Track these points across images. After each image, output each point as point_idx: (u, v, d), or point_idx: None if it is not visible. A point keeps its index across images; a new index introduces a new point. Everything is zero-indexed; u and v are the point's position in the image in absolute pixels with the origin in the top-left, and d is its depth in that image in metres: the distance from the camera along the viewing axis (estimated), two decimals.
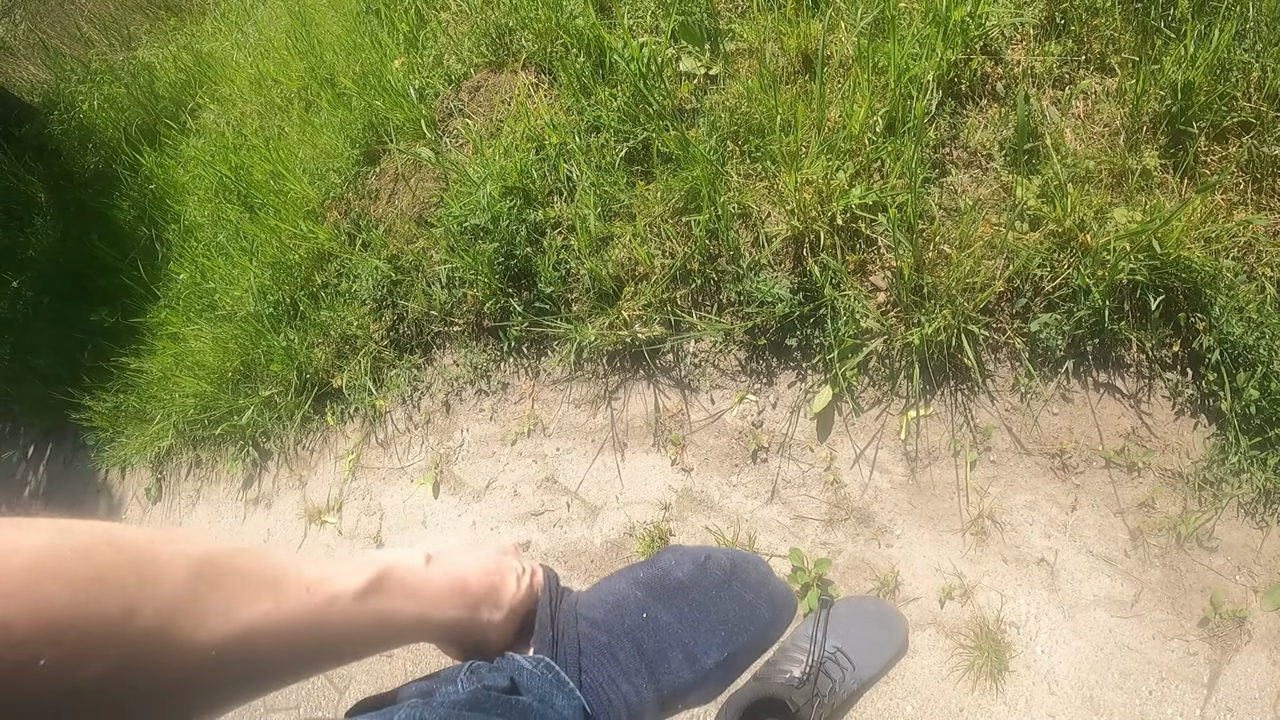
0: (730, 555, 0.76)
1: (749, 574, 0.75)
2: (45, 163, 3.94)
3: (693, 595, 0.72)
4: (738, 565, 0.75)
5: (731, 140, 1.67)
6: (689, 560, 0.74)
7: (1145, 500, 1.41)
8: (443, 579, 0.63)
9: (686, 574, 0.73)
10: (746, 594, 0.74)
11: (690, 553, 0.75)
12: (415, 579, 0.60)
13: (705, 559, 0.74)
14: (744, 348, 1.72)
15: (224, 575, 0.46)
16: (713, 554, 0.75)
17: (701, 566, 0.74)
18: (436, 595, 0.61)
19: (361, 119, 2.18)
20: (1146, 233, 1.32)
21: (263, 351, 2.27)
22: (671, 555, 0.75)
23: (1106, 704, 1.33)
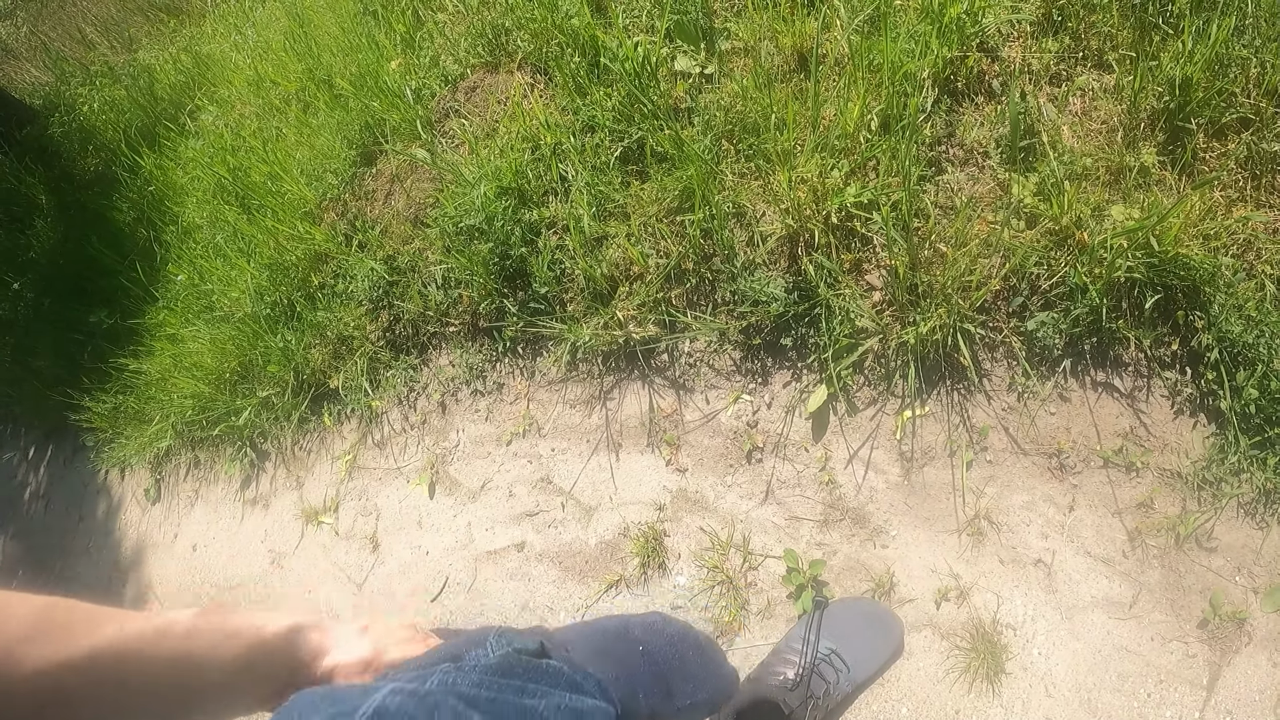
0: (699, 633, 0.89)
1: (713, 649, 0.90)
2: (46, 165, 3.95)
3: (678, 647, 0.82)
4: (707, 641, 0.89)
5: (726, 139, 1.67)
6: (668, 623, 0.87)
7: (1144, 500, 1.40)
8: (276, 612, 0.68)
9: (675, 630, 0.85)
10: (712, 660, 0.87)
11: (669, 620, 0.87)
12: (248, 611, 0.65)
13: (686, 628, 0.87)
14: (739, 347, 1.72)
15: (69, 610, 0.52)
16: (689, 627, 0.88)
17: (683, 634, 0.86)
18: (268, 617, 0.65)
19: (358, 120, 2.18)
20: (1144, 230, 1.31)
21: (260, 352, 2.27)
22: (654, 615, 0.88)
23: (1104, 707, 1.32)
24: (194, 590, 2.57)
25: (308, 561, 2.27)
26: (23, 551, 3.51)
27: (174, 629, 0.56)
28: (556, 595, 1.81)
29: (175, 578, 2.67)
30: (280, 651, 0.63)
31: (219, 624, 0.59)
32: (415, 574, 2.04)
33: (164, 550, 2.77)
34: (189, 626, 0.57)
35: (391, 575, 2.08)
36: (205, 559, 2.58)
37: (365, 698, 0.51)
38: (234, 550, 2.49)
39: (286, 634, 0.64)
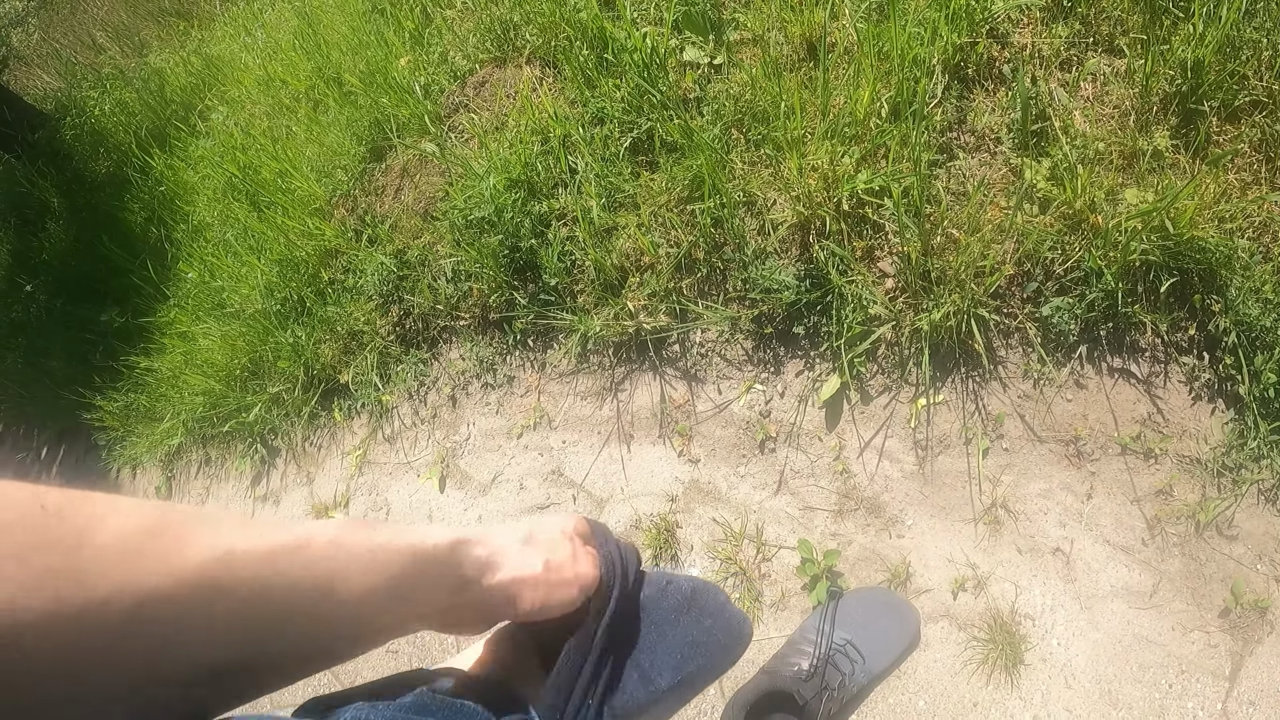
0: (690, 582, 0.77)
1: (707, 601, 0.77)
2: (58, 167, 3.98)
3: (651, 617, 0.72)
4: (697, 591, 0.77)
5: (736, 128, 1.67)
6: (650, 584, 0.75)
7: (1163, 487, 1.38)
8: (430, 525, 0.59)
9: (646, 597, 0.73)
10: (704, 619, 0.75)
11: (651, 577, 0.75)
12: (397, 527, 0.55)
13: (666, 584, 0.75)
14: (750, 337, 1.71)
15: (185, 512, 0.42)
16: (673, 579, 0.76)
17: (662, 590, 0.75)
18: (424, 530, 0.55)
19: (368, 116, 2.19)
20: (1159, 212, 1.30)
21: (270, 348, 2.28)
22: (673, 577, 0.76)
23: (1125, 698, 1.30)
24: None
25: None
26: None
27: (314, 542, 0.46)
28: None
29: None
30: (442, 568, 0.55)
31: (366, 538, 0.49)
32: None
33: None
34: (332, 539, 0.47)
35: None
36: None
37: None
38: None
39: (449, 548, 0.55)
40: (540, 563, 0.61)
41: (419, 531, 0.54)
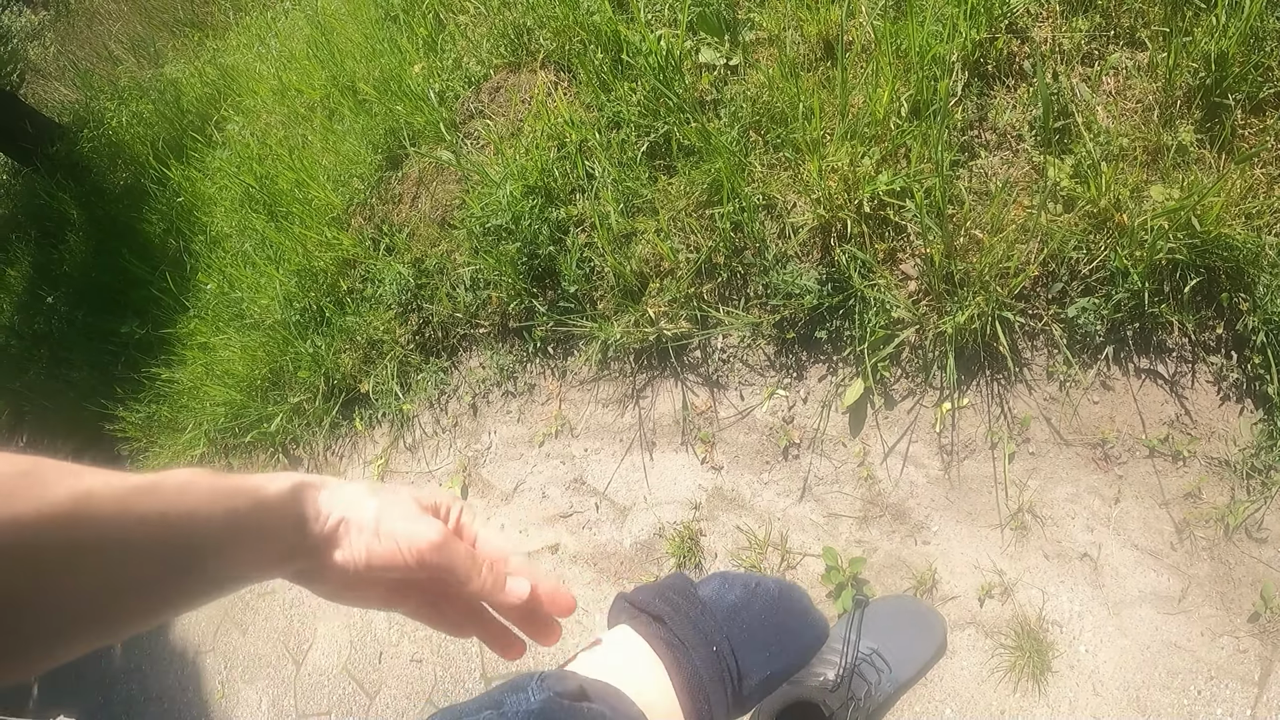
0: (778, 583, 0.80)
1: (793, 602, 0.80)
2: (76, 180, 4.02)
3: (742, 618, 0.75)
4: (784, 592, 0.80)
5: (754, 130, 1.65)
6: (739, 585, 0.78)
7: (1191, 490, 1.36)
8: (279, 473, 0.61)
9: (737, 598, 0.77)
10: (790, 621, 0.78)
11: (740, 578, 0.79)
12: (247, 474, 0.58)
13: (756, 585, 0.79)
14: (772, 342, 1.70)
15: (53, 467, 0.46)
16: (762, 581, 0.80)
17: (752, 592, 0.78)
18: (266, 476, 0.58)
19: (383, 124, 2.19)
20: (1185, 210, 1.27)
21: (290, 358, 2.29)
22: (721, 579, 0.79)
23: (1153, 704, 1.28)
24: (227, 599, 2.59)
25: None
26: None
27: (165, 483, 0.50)
28: (592, 597, 1.80)
29: None
30: (285, 508, 0.57)
31: (215, 481, 0.53)
32: None
33: None
34: (183, 482, 0.51)
35: None
36: None
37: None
38: None
39: (291, 490, 0.58)
40: (373, 511, 0.62)
41: (267, 476, 0.57)
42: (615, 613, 0.78)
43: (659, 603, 0.75)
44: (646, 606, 0.75)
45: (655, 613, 0.74)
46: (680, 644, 0.71)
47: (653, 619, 0.73)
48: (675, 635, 0.71)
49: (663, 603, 0.75)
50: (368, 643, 2.12)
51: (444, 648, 1.99)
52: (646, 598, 0.76)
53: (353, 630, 2.18)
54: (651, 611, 0.74)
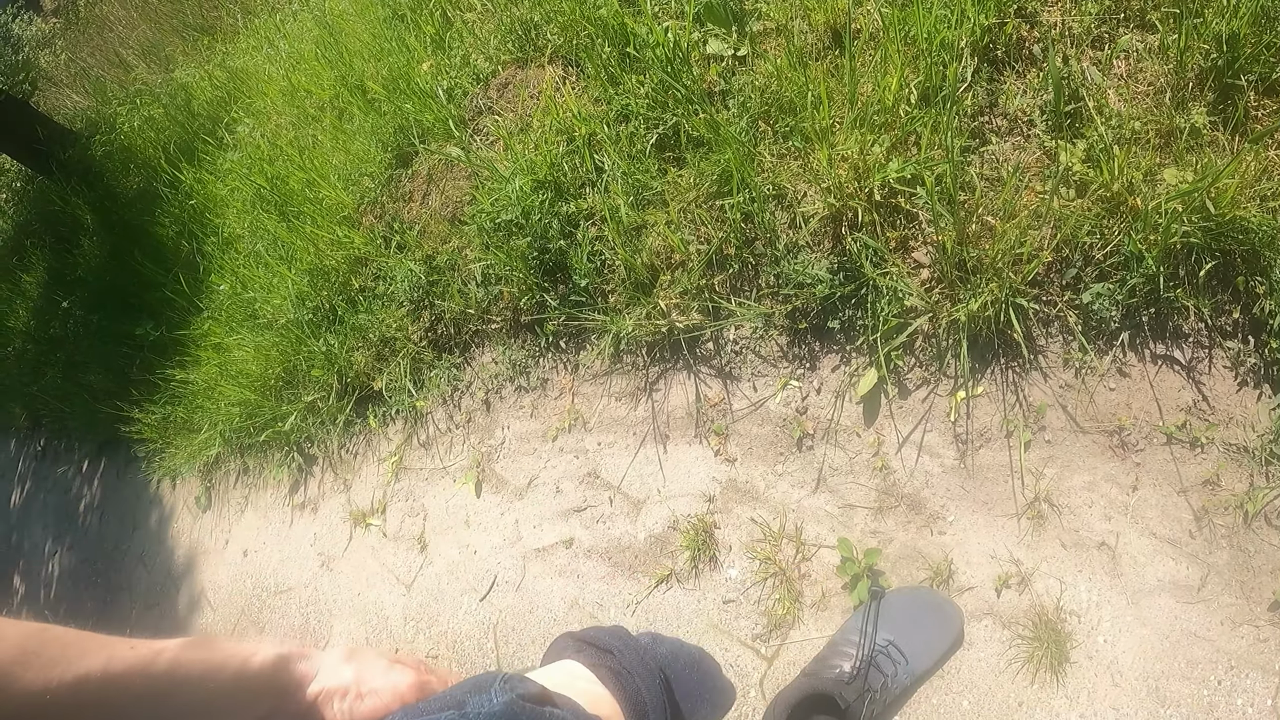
0: (698, 648, 0.90)
1: (711, 664, 0.89)
2: (90, 185, 4.05)
3: (674, 666, 0.83)
4: (704, 655, 0.89)
5: (763, 120, 1.65)
6: (669, 641, 0.87)
7: (1210, 477, 1.34)
8: (264, 641, 0.70)
9: (668, 650, 0.84)
10: (708, 679, 0.86)
11: (668, 638, 0.88)
12: (236, 642, 0.67)
13: (681, 645, 0.87)
14: (785, 332, 1.69)
15: (58, 638, 0.54)
16: (685, 643, 0.89)
17: (680, 647, 0.86)
18: (254, 647, 0.66)
19: (392, 123, 2.20)
20: (1199, 192, 1.26)
21: (304, 357, 2.30)
22: (651, 636, 0.87)
23: (1173, 695, 1.27)
24: (245, 595, 2.61)
25: (356, 564, 2.30)
26: (78, 563, 3.60)
27: (159, 660, 0.58)
28: (606, 591, 1.80)
29: (227, 584, 2.72)
30: (266, 680, 0.65)
31: (204, 655, 0.61)
32: (463, 573, 2.05)
33: (215, 556, 2.82)
34: (174, 658, 0.59)
35: (440, 575, 2.09)
36: (256, 564, 2.62)
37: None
38: (284, 554, 2.53)
39: (274, 664, 0.66)
40: (350, 674, 0.70)
41: (250, 648, 0.65)
42: (557, 649, 0.83)
43: (607, 638, 0.81)
44: (594, 641, 0.80)
45: (603, 645, 0.79)
46: (627, 673, 0.76)
47: (600, 650, 0.79)
48: (623, 665, 0.77)
49: (610, 638, 0.81)
50: (383, 639, 2.13)
51: (460, 644, 1.99)
52: (593, 634, 0.82)
53: (369, 627, 2.19)
54: (599, 644, 0.79)
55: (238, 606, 2.63)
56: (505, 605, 1.94)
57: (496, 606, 1.96)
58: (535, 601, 1.90)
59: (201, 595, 2.80)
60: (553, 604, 1.87)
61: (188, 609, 2.82)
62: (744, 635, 1.60)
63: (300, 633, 2.34)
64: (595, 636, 0.82)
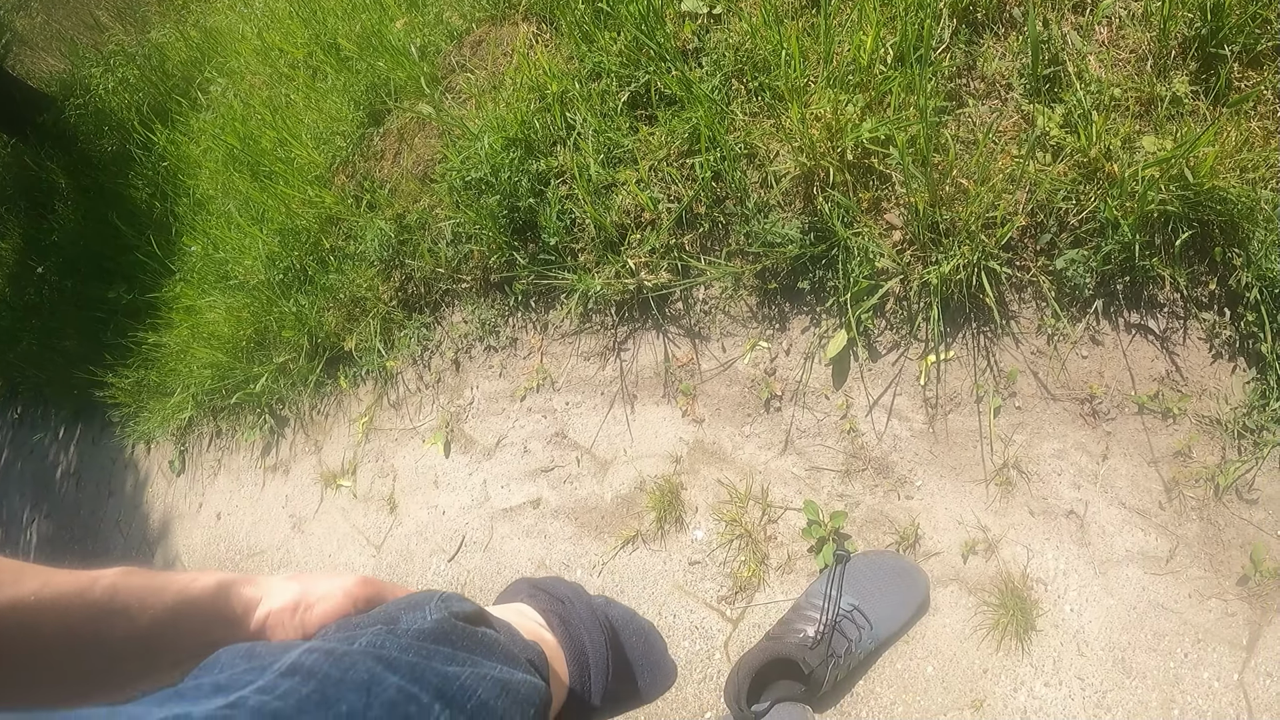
0: (649, 622, 0.90)
1: (658, 638, 0.89)
2: (64, 149, 3.99)
3: (625, 630, 0.84)
4: (653, 629, 0.89)
5: (736, 79, 1.62)
6: (621, 607, 0.87)
7: (1181, 449, 1.33)
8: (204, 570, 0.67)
9: (620, 614, 0.85)
10: (653, 653, 0.87)
11: (621, 605, 0.89)
12: (174, 572, 0.64)
13: (633, 614, 0.88)
14: (754, 292, 1.67)
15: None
16: (637, 614, 0.89)
17: (632, 615, 0.87)
18: (194, 574, 0.64)
19: (364, 81, 2.16)
20: (1178, 160, 1.24)
21: (275, 318, 2.28)
22: (605, 600, 0.87)
23: (1139, 666, 1.26)
24: (219, 558, 2.60)
25: (328, 525, 2.29)
26: (55, 530, 3.58)
27: (96, 586, 0.56)
28: (573, 552, 1.79)
29: (201, 547, 2.71)
30: (208, 607, 0.63)
31: (143, 581, 0.59)
32: (432, 534, 2.04)
33: (190, 520, 2.80)
34: (111, 584, 0.57)
35: (409, 536, 2.08)
36: (229, 527, 2.61)
37: (283, 653, 0.51)
38: (257, 517, 2.52)
39: (215, 590, 0.64)
40: (297, 589, 0.68)
41: (191, 575, 0.63)
42: (512, 591, 0.84)
43: (561, 587, 0.81)
44: (548, 588, 0.81)
45: (556, 594, 0.79)
46: (574, 622, 0.77)
47: (553, 598, 0.79)
48: (570, 614, 0.77)
49: (564, 588, 0.81)
50: None
51: None
52: (549, 583, 0.82)
53: None
54: (552, 593, 0.80)
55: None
56: (473, 566, 1.93)
57: (465, 567, 1.95)
58: (503, 562, 1.89)
59: (177, 559, 2.79)
60: (520, 564, 1.86)
61: None
62: (709, 597, 1.60)
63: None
64: (550, 585, 0.82)
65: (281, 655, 0.50)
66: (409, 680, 0.50)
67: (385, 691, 0.48)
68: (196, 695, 0.47)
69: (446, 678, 0.52)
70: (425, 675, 0.51)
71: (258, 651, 0.52)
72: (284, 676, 0.47)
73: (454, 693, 0.51)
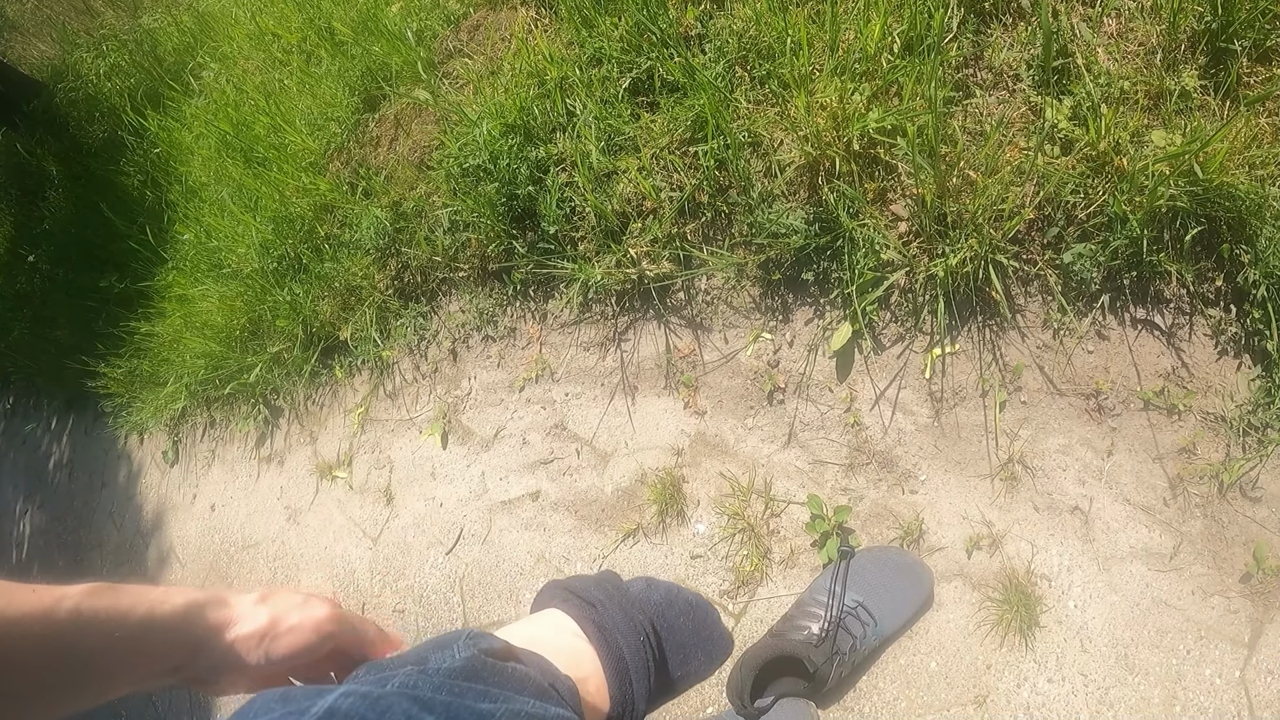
0: (696, 594, 0.87)
1: (707, 613, 0.86)
2: (55, 136, 3.94)
3: (666, 616, 0.81)
4: (700, 602, 0.87)
5: (740, 66, 1.60)
6: (663, 588, 0.85)
7: (1186, 445, 1.32)
8: (174, 587, 0.67)
9: (661, 597, 0.83)
10: (704, 629, 0.85)
11: (663, 583, 0.86)
12: (144, 587, 0.63)
13: (677, 591, 0.85)
14: (758, 283, 1.65)
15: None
16: (682, 589, 0.86)
17: (674, 595, 0.84)
18: (163, 593, 0.63)
19: (360, 66, 2.13)
20: (1188, 156, 1.22)
21: (269, 307, 2.25)
22: (645, 581, 0.86)
23: (1141, 663, 1.26)
24: (214, 551, 2.58)
25: (323, 517, 2.27)
26: (49, 521, 3.56)
27: (61, 606, 0.56)
28: (572, 545, 1.77)
29: (195, 539, 2.69)
30: (175, 629, 0.62)
31: (110, 602, 0.59)
32: (429, 526, 2.02)
33: (184, 512, 2.78)
34: (76, 604, 0.57)
35: (406, 528, 2.06)
36: (224, 518, 2.59)
37: (319, 698, 0.51)
38: (251, 508, 2.49)
39: (184, 611, 0.63)
40: (265, 616, 0.68)
41: (160, 594, 0.62)
42: (546, 597, 0.82)
43: (593, 590, 0.79)
44: (580, 592, 0.79)
45: (588, 598, 0.77)
46: (610, 628, 0.75)
47: (585, 603, 0.77)
48: (606, 619, 0.75)
49: (597, 590, 0.79)
50: (350, 594, 2.10)
51: (426, 597, 1.97)
52: (580, 584, 0.80)
53: (336, 581, 2.16)
54: (584, 596, 0.78)
55: (206, 562, 2.59)
56: (471, 559, 1.92)
57: (463, 560, 1.93)
58: (501, 555, 1.87)
59: (170, 551, 2.77)
60: (519, 557, 1.84)
61: (157, 565, 2.79)
62: (711, 592, 1.58)
63: (268, 586, 2.32)
64: (581, 587, 0.80)
65: (318, 699, 0.51)
66: (445, 719, 0.50)
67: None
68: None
69: (481, 715, 0.53)
70: (460, 714, 0.52)
71: (293, 695, 0.53)
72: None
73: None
